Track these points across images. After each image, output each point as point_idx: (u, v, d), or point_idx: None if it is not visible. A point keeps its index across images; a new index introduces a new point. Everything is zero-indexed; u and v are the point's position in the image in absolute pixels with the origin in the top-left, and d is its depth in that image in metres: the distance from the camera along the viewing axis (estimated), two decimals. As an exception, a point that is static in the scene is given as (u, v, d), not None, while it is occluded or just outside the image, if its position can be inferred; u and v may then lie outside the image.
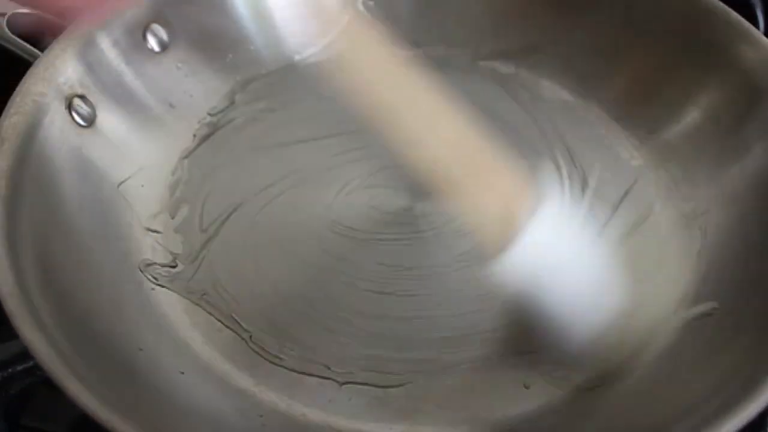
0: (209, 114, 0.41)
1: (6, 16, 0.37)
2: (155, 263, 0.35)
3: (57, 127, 0.33)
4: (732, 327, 0.32)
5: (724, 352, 0.31)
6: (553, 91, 0.43)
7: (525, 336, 0.33)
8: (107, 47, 0.37)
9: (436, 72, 0.43)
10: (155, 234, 0.36)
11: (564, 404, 0.31)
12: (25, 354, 0.31)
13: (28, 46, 0.37)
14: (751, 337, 0.31)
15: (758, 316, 0.31)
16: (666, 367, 0.32)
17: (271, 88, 0.42)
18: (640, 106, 0.41)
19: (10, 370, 0.31)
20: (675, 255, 0.36)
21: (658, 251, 0.36)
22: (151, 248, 0.35)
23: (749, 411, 0.26)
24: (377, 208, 0.37)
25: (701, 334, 0.33)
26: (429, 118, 0.41)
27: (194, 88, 0.40)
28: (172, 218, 0.37)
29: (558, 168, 0.39)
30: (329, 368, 0.32)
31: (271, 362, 0.32)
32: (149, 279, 0.34)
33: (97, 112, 0.36)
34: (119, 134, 0.37)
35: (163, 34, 0.39)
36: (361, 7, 0.44)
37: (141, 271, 0.34)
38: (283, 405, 0.31)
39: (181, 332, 0.33)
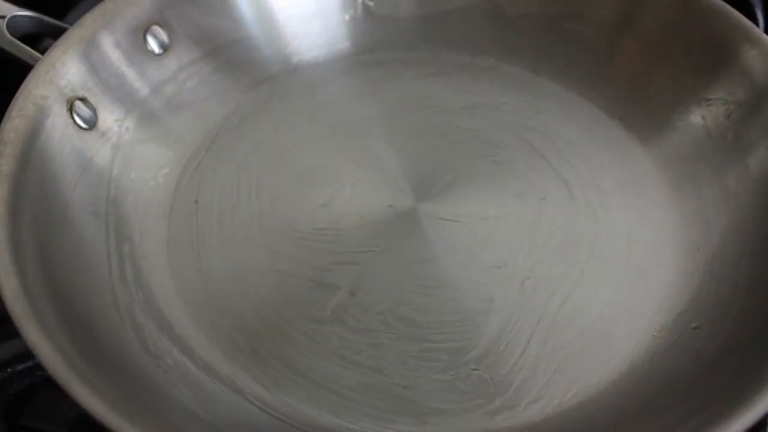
0: (210, 115, 0.41)
1: (5, 19, 0.37)
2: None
3: (59, 129, 0.33)
4: (732, 329, 0.32)
5: (725, 355, 0.31)
6: (553, 90, 0.43)
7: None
8: (108, 49, 0.37)
9: (435, 72, 0.43)
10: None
11: (563, 411, 0.31)
12: (25, 354, 0.31)
13: (28, 48, 0.37)
14: (751, 338, 0.31)
15: (760, 317, 0.31)
16: (667, 370, 0.32)
17: (272, 89, 0.42)
18: (641, 106, 0.41)
19: (10, 370, 0.32)
20: (675, 255, 0.36)
21: (658, 251, 0.36)
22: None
23: (751, 415, 0.26)
24: (378, 208, 0.37)
25: (701, 336, 0.33)
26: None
27: (195, 89, 0.40)
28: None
29: (557, 168, 0.39)
30: (331, 369, 0.32)
31: (272, 363, 0.32)
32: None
33: (99, 115, 0.36)
34: (121, 136, 0.37)
35: (164, 36, 0.39)
36: (360, 8, 0.44)
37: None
38: (286, 405, 0.31)
39: (184, 333, 0.33)
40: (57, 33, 0.36)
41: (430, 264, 0.35)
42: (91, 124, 0.35)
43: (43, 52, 0.35)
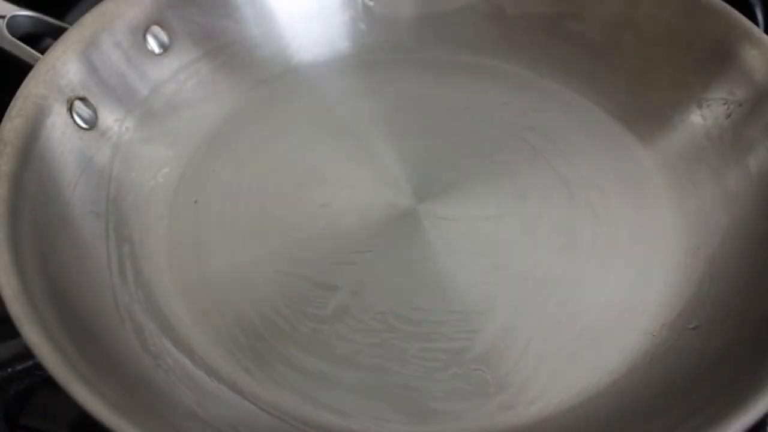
0: (210, 115, 0.41)
1: (5, 19, 0.37)
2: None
3: (58, 129, 0.33)
4: (732, 329, 0.32)
5: (725, 355, 0.31)
6: (553, 90, 0.43)
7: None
8: (108, 49, 0.37)
9: (435, 72, 0.43)
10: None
11: (563, 411, 0.31)
12: (25, 354, 0.31)
13: (28, 48, 0.37)
14: (751, 338, 0.31)
15: (760, 317, 0.31)
16: (667, 370, 0.32)
17: (272, 89, 0.42)
18: (641, 106, 0.41)
19: (10, 370, 0.31)
20: (675, 255, 0.36)
21: (658, 251, 0.36)
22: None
23: (751, 415, 0.26)
24: (378, 208, 0.37)
25: (701, 336, 0.32)
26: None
27: (195, 89, 0.40)
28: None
29: (557, 168, 0.39)
30: (331, 369, 0.32)
31: (272, 363, 0.32)
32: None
33: (99, 114, 0.36)
34: (121, 136, 0.37)
35: (164, 36, 0.39)
36: (361, 8, 0.44)
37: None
38: (286, 405, 0.31)
39: (184, 333, 0.33)
40: (57, 33, 0.36)
41: (430, 264, 0.35)
42: (91, 123, 0.35)
43: (43, 52, 0.35)
